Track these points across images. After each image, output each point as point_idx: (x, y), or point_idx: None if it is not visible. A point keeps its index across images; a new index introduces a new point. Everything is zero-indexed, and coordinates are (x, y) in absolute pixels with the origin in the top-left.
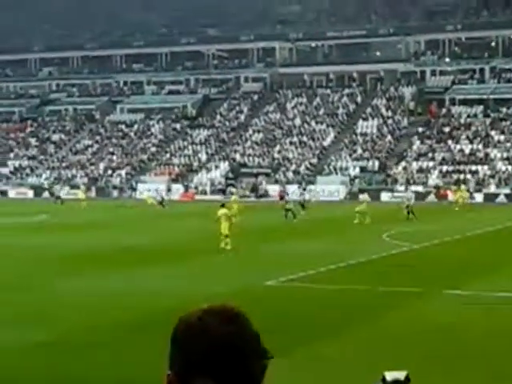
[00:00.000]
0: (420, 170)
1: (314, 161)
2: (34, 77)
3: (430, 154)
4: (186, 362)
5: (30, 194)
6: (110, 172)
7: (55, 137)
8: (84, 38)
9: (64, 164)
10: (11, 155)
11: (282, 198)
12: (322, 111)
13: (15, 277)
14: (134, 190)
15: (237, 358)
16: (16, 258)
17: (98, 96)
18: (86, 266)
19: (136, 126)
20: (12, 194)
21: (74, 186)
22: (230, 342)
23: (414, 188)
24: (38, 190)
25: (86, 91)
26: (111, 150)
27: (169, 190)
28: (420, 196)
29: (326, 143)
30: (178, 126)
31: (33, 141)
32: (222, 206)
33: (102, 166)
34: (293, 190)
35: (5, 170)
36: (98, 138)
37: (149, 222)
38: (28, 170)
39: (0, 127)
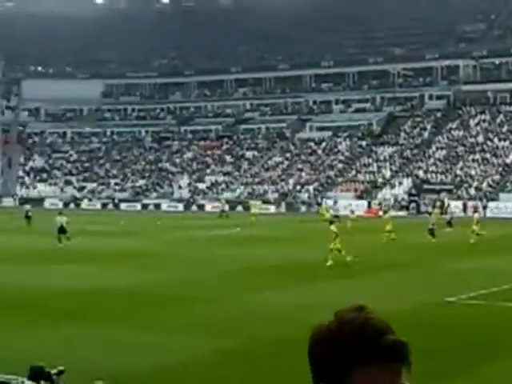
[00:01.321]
0: None
1: (497, 177)
2: (230, 97)
3: None
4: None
5: (226, 207)
6: (298, 187)
7: (249, 154)
8: (277, 60)
9: (257, 180)
10: (208, 171)
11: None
12: (505, 128)
13: (206, 288)
14: (319, 204)
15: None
16: (209, 268)
17: (288, 115)
18: (271, 279)
19: (324, 144)
20: (208, 207)
21: (266, 201)
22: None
23: None
24: (232, 203)
25: (278, 110)
26: (300, 166)
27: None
28: None
29: (508, 160)
30: (363, 143)
31: (228, 157)
32: (331, 223)
33: (291, 181)
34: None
35: (202, 186)
36: (288, 155)
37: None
38: (223, 186)
39: (198, 144)
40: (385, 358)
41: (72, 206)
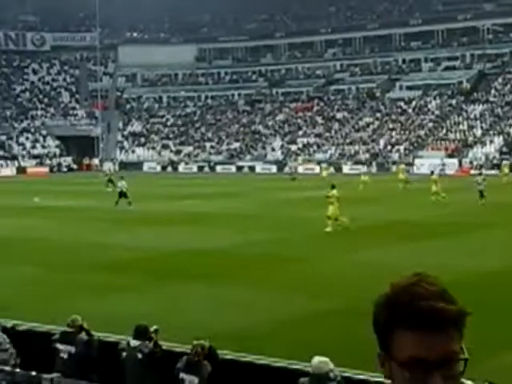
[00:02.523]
0: None
1: None
2: (320, 58)
3: None
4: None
5: (317, 169)
6: (389, 148)
7: (339, 115)
8: (366, 19)
9: (347, 140)
10: (299, 133)
11: None
12: None
13: (306, 248)
14: (412, 165)
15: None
16: (304, 229)
17: (378, 74)
18: (363, 240)
19: (414, 103)
20: (300, 169)
21: (358, 162)
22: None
23: None
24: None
25: (368, 70)
26: (391, 126)
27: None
28: None
29: None
30: (453, 101)
31: (319, 119)
32: (333, 187)
33: (382, 142)
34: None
35: (294, 147)
36: (378, 115)
37: (418, 198)
38: (315, 147)
39: (289, 106)
40: (418, 323)
41: (169, 169)
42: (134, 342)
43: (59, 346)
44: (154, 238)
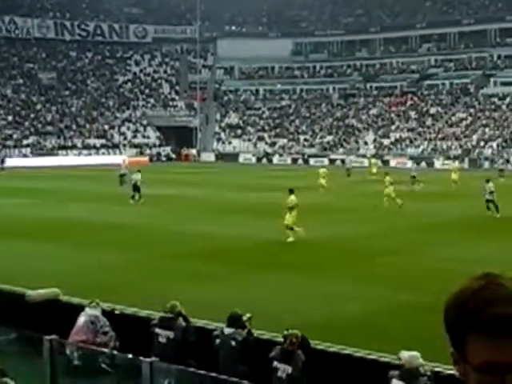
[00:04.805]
0: None
1: None
2: (414, 52)
3: None
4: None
5: (409, 163)
6: (482, 144)
7: (432, 110)
8: (461, 14)
9: (440, 136)
10: (392, 127)
11: None
12: None
13: (390, 241)
14: (508, 161)
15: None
16: (391, 223)
17: (472, 70)
18: (451, 234)
19: (508, 99)
20: (393, 163)
21: (449, 157)
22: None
23: None
24: (417, 160)
25: (462, 65)
26: (484, 122)
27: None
28: None
29: None
30: None
31: (412, 114)
32: (291, 191)
33: (475, 137)
34: None
35: (387, 141)
36: (471, 110)
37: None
38: (407, 142)
39: (383, 101)
40: (488, 329)
41: (264, 161)
42: (228, 330)
43: (158, 330)
44: (246, 228)
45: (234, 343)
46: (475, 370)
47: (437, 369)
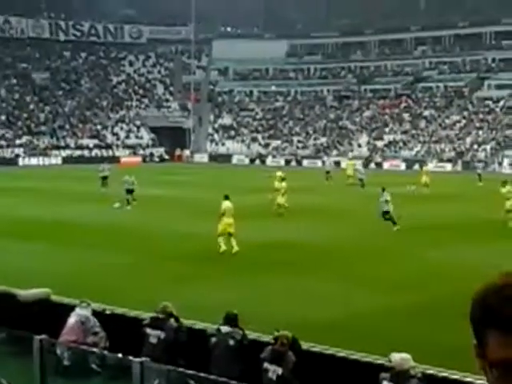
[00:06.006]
0: None
1: None
2: (409, 55)
3: None
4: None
5: (403, 166)
6: (475, 146)
7: (426, 112)
8: (456, 17)
9: (434, 138)
10: (386, 130)
11: None
12: None
13: (384, 243)
14: (500, 164)
15: None
16: (384, 225)
17: (467, 73)
18: (447, 237)
19: (502, 102)
20: (386, 165)
21: (442, 160)
22: None
23: None
24: (409, 162)
25: (457, 68)
26: (478, 125)
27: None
28: None
29: None
30: None
31: (406, 116)
32: (227, 197)
33: (468, 140)
34: None
35: (380, 144)
36: (465, 113)
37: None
38: (401, 144)
39: (377, 103)
40: (506, 327)
41: (257, 162)
42: (226, 328)
43: (149, 330)
44: (239, 230)
45: (232, 342)
46: (491, 365)
47: (428, 371)
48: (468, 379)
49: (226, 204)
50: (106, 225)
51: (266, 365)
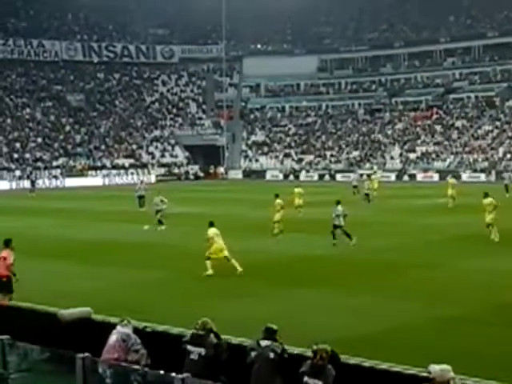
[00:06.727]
0: None
1: None
2: (439, 66)
3: None
4: None
5: (436, 177)
6: (508, 156)
7: (458, 123)
8: (486, 27)
9: (466, 149)
10: (418, 141)
11: None
12: None
13: (419, 255)
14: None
15: None
16: (418, 236)
17: (497, 82)
18: (481, 247)
19: None
20: (419, 177)
21: (476, 170)
22: None
23: None
24: (442, 173)
25: (487, 78)
26: (510, 134)
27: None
28: None
29: None
30: None
31: (438, 127)
32: (212, 224)
33: (501, 150)
34: None
35: (413, 156)
36: (497, 123)
37: None
38: (434, 155)
39: (408, 115)
40: None
41: (291, 177)
42: (265, 342)
43: (189, 347)
44: (274, 245)
45: (272, 355)
46: None
47: (468, 382)
48: None
49: (213, 231)
50: (144, 243)
51: (306, 379)
